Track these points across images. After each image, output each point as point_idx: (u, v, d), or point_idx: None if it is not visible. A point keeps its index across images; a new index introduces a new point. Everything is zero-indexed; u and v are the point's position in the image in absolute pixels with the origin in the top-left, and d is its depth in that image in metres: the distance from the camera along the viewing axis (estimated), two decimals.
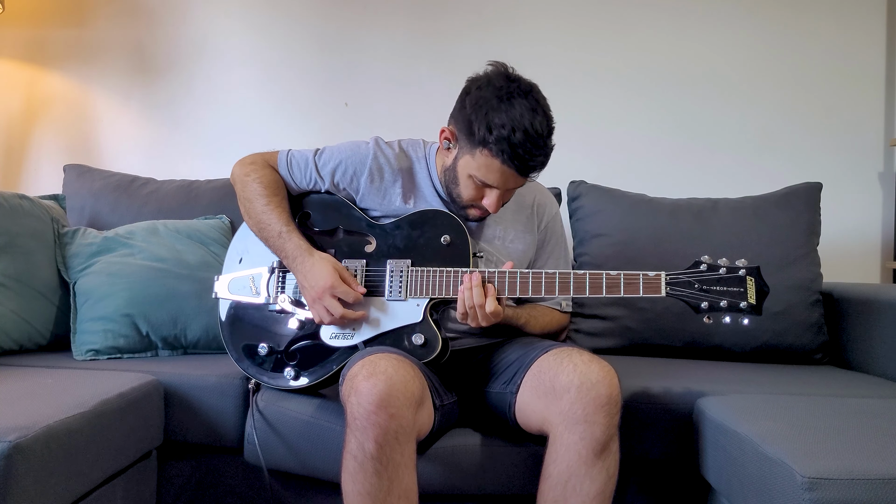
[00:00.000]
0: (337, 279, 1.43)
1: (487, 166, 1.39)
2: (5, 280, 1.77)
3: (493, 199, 1.43)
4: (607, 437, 1.22)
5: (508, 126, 1.33)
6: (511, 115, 1.34)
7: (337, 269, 1.45)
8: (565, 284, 1.37)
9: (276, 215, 1.52)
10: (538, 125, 1.34)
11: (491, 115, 1.35)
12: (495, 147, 1.35)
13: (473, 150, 1.40)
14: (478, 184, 1.43)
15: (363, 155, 1.57)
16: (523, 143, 1.33)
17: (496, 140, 1.35)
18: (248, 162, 1.61)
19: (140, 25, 2.54)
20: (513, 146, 1.34)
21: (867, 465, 1.04)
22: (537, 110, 1.35)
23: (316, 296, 1.43)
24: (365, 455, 1.16)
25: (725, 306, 1.31)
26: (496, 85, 1.38)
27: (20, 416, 1.15)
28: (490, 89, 1.38)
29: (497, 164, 1.37)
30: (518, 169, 1.37)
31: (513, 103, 1.35)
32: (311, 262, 1.46)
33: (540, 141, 1.35)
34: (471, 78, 1.44)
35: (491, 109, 1.36)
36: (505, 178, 1.40)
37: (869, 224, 2.42)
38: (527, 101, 1.35)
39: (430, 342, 1.40)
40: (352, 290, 1.43)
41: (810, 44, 2.43)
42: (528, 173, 1.39)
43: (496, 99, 1.36)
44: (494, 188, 1.42)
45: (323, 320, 1.45)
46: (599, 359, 1.28)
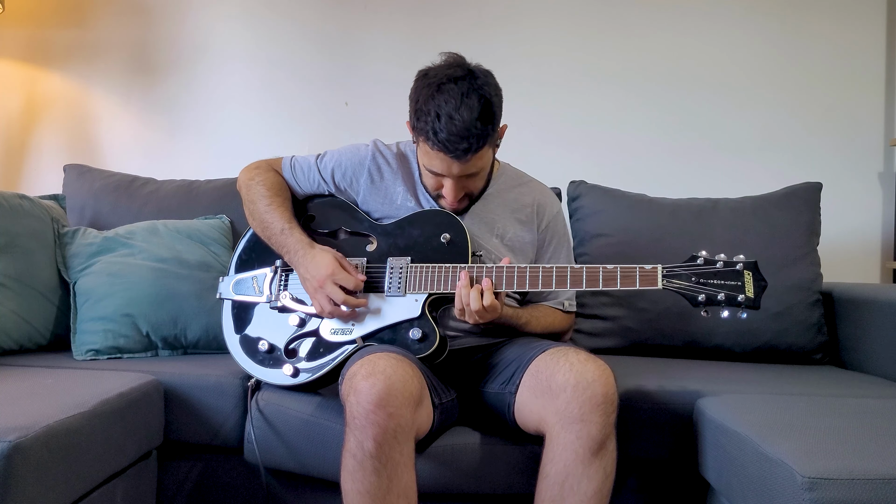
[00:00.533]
0: (337, 267, 1.45)
1: (427, 154, 1.43)
2: (5, 280, 1.77)
3: (449, 188, 1.46)
4: (604, 436, 1.22)
5: (433, 112, 1.37)
6: (437, 100, 1.37)
7: (337, 258, 1.47)
8: (562, 278, 1.37)
9: (279, 214, 1.55)
10: (464, 109, 1.36)
11: (420, 103, 1.40)
12: (423, 134, 1.39)
13: (418, 140, 1.45)
14: (430, 173, 1.47)
15: (362, 157, 1.61)
16: (447, 128, 1.36)
17: (423, 127, 1.39)
18: (252, 167, 1.66)
19: (140, 25, 2.54)
20: (437, 131, 1.37)
21: (867, 465, 1.04)
22: (468, 94, 1.37)
23: (317, 285, 1.45)
24: (364, 454, 1.16)
25: (723, 299, 1.30)
26: (432, 74, 1.42)
27: (20, 416, 1.15)
28: (425, 79, 1.42)
29: (429, 149, 1.41)
30: (448, 152, 1.38)
31: (442, 89, 1.38)
32: (311, 255, 1.48)
33: (465, 123, 1.35)
34: (419, 70, 1.47)
35: (421, 97, 1.40)
36: (444, 163, 1.42)
37: (869, 224, 2.42)
38: (456, 87, 1.37)
39: (428, 336, 1.40)
40: (352, 276, 1.45)
41: (810, 44, 2.43)
42: (460, 157, 1.40)
43: (427, 87, 1.40)
44: (445, 176, 1.45)
45: (324, 309, 1.46)
46: (596, 358, 1.29)
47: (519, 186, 1.65)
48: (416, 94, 1.42)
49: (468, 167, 1.43)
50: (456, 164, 1.41)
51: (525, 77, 2.41)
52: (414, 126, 1.43)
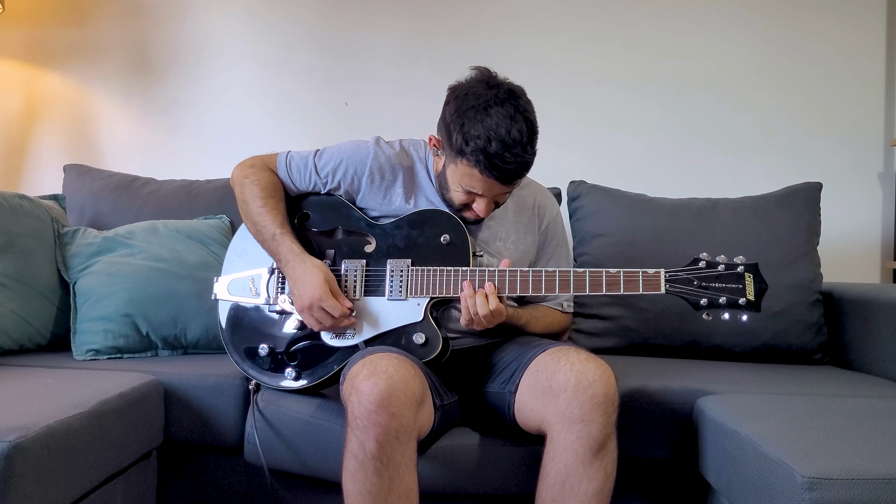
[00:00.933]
0: (325, 292, 1.42)
1: (469, 175, 1.40)
2: (5, 280, 1.77)
3: (483, 206, 1.45)
4: (604, 436, 1.22)
5: (484, 136, 1.34)
6: (487, 124, 1.34)
7: (328, 280, 1.44)
8: (565, 282, 1.37)
9: (272, 217, 1.52)
10: (515, 133, 1.34)
11: (467, 126, 1.36)
12: (472, 158, 1.36)
13: (456, 160, 1.41)
14: (465, 192, 1.44)
15: (364, 154, 1.58)
16: (500, 153, 1.33)
17: (472, 151, 1.35)
18: (247, 165, 1.62)
19: (140, 25, 2.54)
20: (489, 156, 1.34)
21: (867, 465, 1.04)
22: (515, 117, 1.35)
23: (304, 305, 1.43)
24: (366, 454, 1.16)
25: (724, 303, 1.31)
26: (474, 93, 1.38)
27: (20, 416, 1.15)
28: (469, 98, 1.38)
29: (476, 173, 1.38)
30: (497, 178, 1.37)
31: (489, 112, 1.35)
32: (302, 269, 1.45)
33: (517, 149, 1.34)
34: (451, 86, 1.44)
35: (468, 120, 1.36)
36: (488, 185, 1.40)
37: (869, 224, 2.42)
38: (503, 109, 1.35)
39: (431, 341, 1.40)
40: (338, 305, 1.42)
41: (810, 44, 2.43)
42: (508, 182, 1.39)
43: (472, 109, 1.36)
44: (481, 196, 1.43)
45: (312, 327, 1.46)
46: (596, 357, 1.29)
47: (519, 189, 1.64)
48: (459, 115, 1.37)
49: (508, 189, 1.44)
50: (499, 186, 1.40)
51: (525, 77, 2.38)
52: (459, 149, 1.37)
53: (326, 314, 1.42)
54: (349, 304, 1.45)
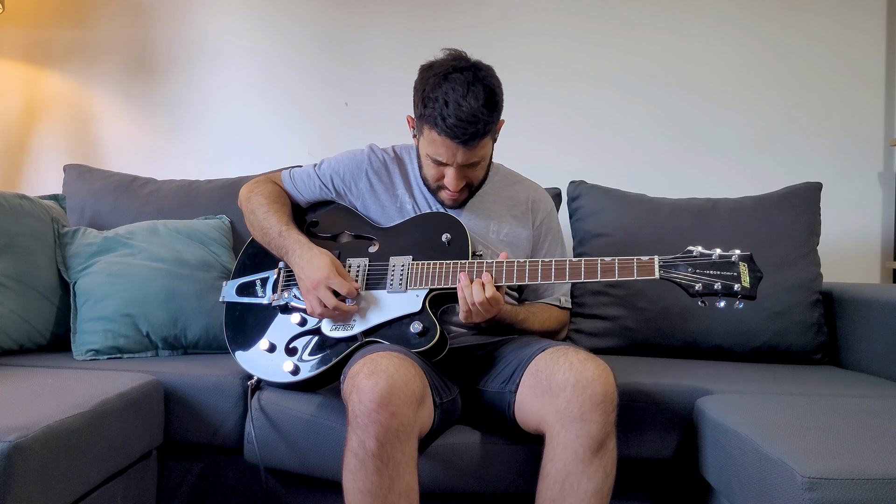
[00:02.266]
0: (332, 271, 1.46)
1: (432, 141, 1.45)
2: (5, 280, 1.77)
3: (451, 177, 1.49)
4: (604, 435, 1.22)
5: (441, 98, 1.41)
6: (444, 88, 1.41)
7: (334, 263, 1.48)
8: (561, 270, 1.39)
9: (276, 218, 1.58)
10: (471, 96, 1.40)
11: (427, 90, 1.43)
12: (431, 119, 1.42)
13: (422, 129, 1.47)
14: (434, 162, 1.49)
15: (359, 162, 1.65)
16: (455, 113, 1.39)
17: (430, 113, 1.42)
18: (251, 183, 1.70)
19: (140, 25, 2.54)
20: (444, 117, 1.40)
21: (867, 465, 1.04)
22: (474, 83, 1.41)
23: (310, 286, 1.46)
24: (366, 453, 1.16)
25: (720, 289, 1.30)
26: (438, 64, 1.46)
27: (20, 416, 1.15)
28: (431, 70, 1.46)
29: (436, 136, 1.43)
30: (454, 137, 1.41)
31: (448, 78, 1.42)
32: (309, 255, 1.49)
33: (471, 109, 1.39)
34: (422, 64, 1.50)
35: (428, 86, 1.44)
36: (449, 150, 1.44)
37: (869, 224, 2.42)
38: (462, 76, 1.42)
39: (429, 330, 1.41)
40: (346, 282, 1.45)
41: (810, 44, 2.43)
42: (466, 142, 1.43)
43: (434, 76, 1.44)
44: (448, 165, 1.47)
45: (314, 311, 1.46)
46: (595, 357, 1.29)
47: (513, 185, 1.68)
48: (423, 84, 1.46)
49: (472, 155, 1.46)
50: (461, 150, 1.44)
51: (525, 77, 2.41)
52: (421, 114, 1.45)
53: (331, 294, 1.44)
54: (356, 284, 1.47)
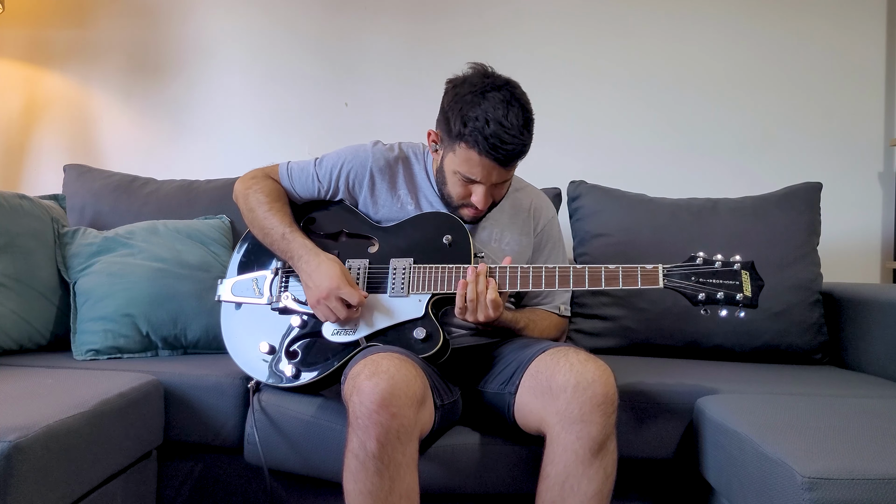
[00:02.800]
0: (342, 281, 1.43)
1: (468, 160, 1.41)
2: (5, 280, 1.77)
3: (481, 195, 1.45)
4: (604, 437, 1.22)
5: (482, 118, 1.37)
6: (484, 107, 1.38)
7: (343, 271, 1.46)
8: (565, 278, 1.38)
9: (279, 219, 1.55)
10: (512, 115, 1.37)
11: (465, 109, 1.39)
12: (471, 139, 1.38)
13: (454, 146, 1.43)
14: (463, 180, 1.45)
15: (363, 158, 1.60)
16: (497, 134, 1.36)
17: (471, 132, 1.38)
18: (248, 177, 1.65)
19: (140, 26, 2.54)
20: (486, 137, 1.37)
21: (867, 465, 1.04)
22: (511, 102, 1.39)
23: (321, 296, 1.44)
24: (367, 454, 1.16)
25: (722, 298, 1.32)
26: (471, 82, 1.43)
27: (20, 416, 1.15)
28: (465, 86, 1.42)
29: (475, 155, 1.40)
30: (495, 159, 1.39)
31: (486, 97, 1.39)
32: (316, 262, 1.47)
33: (513, 130, 1.37)
34: (449, 79, 1.47)
35: (465, 104, 1.40)
36: (486, 170, 1.42)
37: (869, 224, 2.42)
38: (500, 94, 1.39)
39: (432, 336, 1.40)
40: (356, 293, 1.43)
41: (810, 44, 2.43)
42: (506, 163, 1.41)
43: (470, 94, 1.40)
44: (479, 183, 1.44)
45: (327, 319, 1.46)
46: (596, 358, 1.29)
47: (516, 192, 1.66)
48: (458, 102, 1.41)
49: (506, 174, 1.44)
50: (497, 170, 1.42)
51: (525, 78, 2.37)
52: (458, 133, 1.40)
53: (342, 305, 1.43)
54: (365, 293, 1.46)
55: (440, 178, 1.51)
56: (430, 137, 1.51)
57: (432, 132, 1.50)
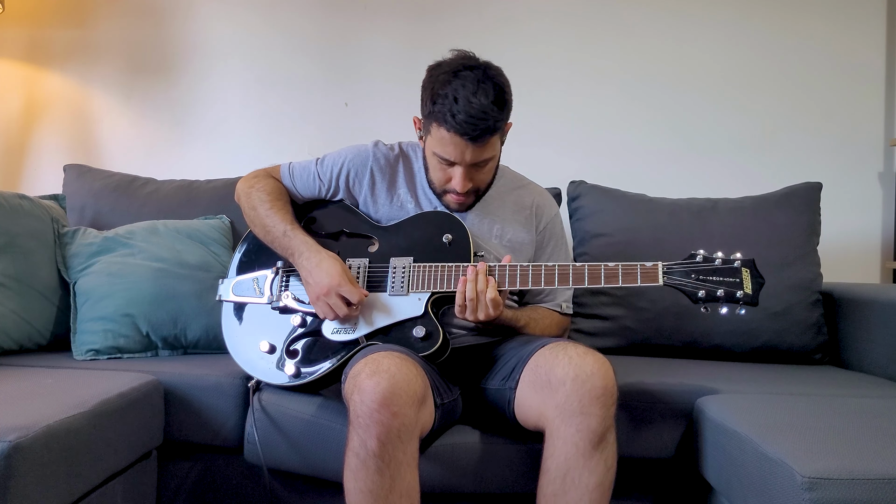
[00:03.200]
0: (343, 279, 1.44)
1: (440, 139, 1.43)
2: (5, 280, 1.77)
3: (458, 177, 1.46)
4: (604, 429, 1.22)
5: (451, 95, 1.39)
6: (454, 85, 1.39)
7: (344, 269, 1.47)
8: (564, 276, 1.38)
9: (280, 217, 1.55)
10: (481, 93, 1.38)
11: (437, 88, 1.41)
12: (440, 116, 1.40)
13: (429, 127, 1.45)
14: (441, 162, 1.46)
15: (364, 158, 1.61)
16: (465, 109, 1.37)
17: (439, 109, 1.40)
18: (250, 177, 1.66)
19: (140, 26, 2.54)
20: (455, 114, 1.38)
21: (867, 465, 1.04)
22: (483, 80, 1.39)
23: (321, 293, 1.44)
24: (367, 453, 1.16)
25: (722, 296, 1.32)
26: (447, 63, 1.45)
27: (20, 416, 1.15)
28: (440, 68, 1.44)
29: (445, 133, 1.41)
30: (464, 134, 1.39)
31: (458, 75, 1.40)
32: (317, 260, 1.47)
33: (482, 106, 1.37)
34: (429, 65, 1.48)
35: (437, 83, 1.42)
36: (458, 148, 1.42)
37: (869, 224, 2.42)
38: (472, 73, 1.40)
39: (432, 335, 1.40)
40: (356, 290, 1.44)
41: (810, 44, 2.43)
42: (476, 139, 1.41)
43: (443, 74, 1.42)
44: (456, 164, 1.45)
45: (326, 316, 1.46)
46: (594, 351, 1.29)
47: (518, 189, 1.66)
48: (431, 82, 1.44)
49: (480, 153, 1.44)
50: (470, 148, 1.42)
51: (525, 78, 2.38)
52: (430, 112, 1.42)
53: (342, 302, 1.43)
54: (365, 292, 1.46)
55: (426, 166, 1.54)
56: (416, 125, 1.53)
57: (416, 119, 1.52)
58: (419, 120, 1.51)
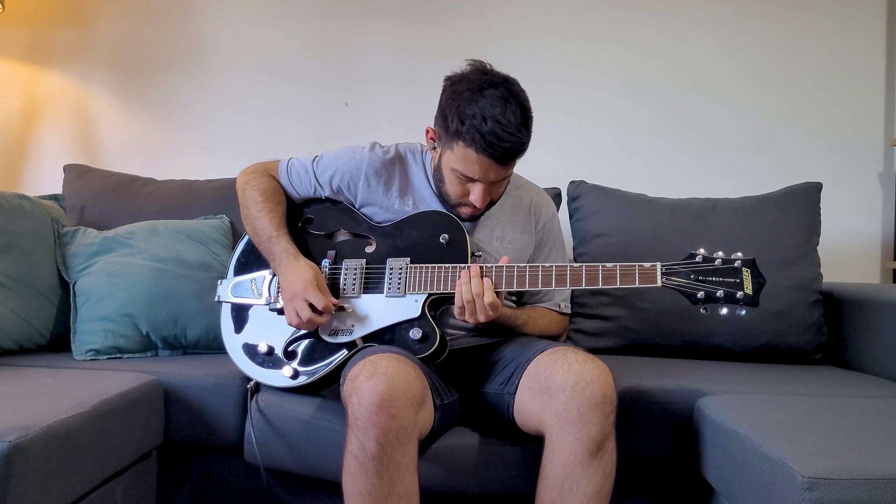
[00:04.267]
0: (312, 285, 1.45)
1: (465, 158, 1.41)
2: (5, 280, 1.77)
3: (479, 193, 1.45)
4: (603, 437, 1.22)
5: (479, 115, 1.36)
6: (482, 104, 1.37)
7: (317, 277, 1.47)
8: (562, 276, 1.38)
9: (269, 220, 1.56)
10: (509, 112, 1.37)
11: (463, 107, 1.38)
12: (468, 137, 1.38)
13: (452, 144, 1.42)
14: (461, 178, 1.45)
15: (359, 160, 1.61)
16: (495, 131, 1.36)
17: (468, 130, 1.37)
18: (249, 171, 1.66)
19: (140, 25, 2.54)
20: (484, 135, 1.36)
21: (867, 465, 1.04)
22: (509, 99, 1.38)
23: (289, 296, 1.46)
24: (366, 455, 1.16)
25: (722, 296, 1.29)
26: (469, 79, 1.42)
27: (20, 416, 1.15)
28: (463, 83, 1.42)
29: (472, 154, 1.39)
30: (492, 157, 1.38)
31: (484, 94, 1.38)
32: (293, 266, 1.48)
33: (511, 128, 1.36)
34: (447, 76, 1.47)
35: (463, 102, 1.39)
36: (483, 168, 1.41)
37: (869, 224, 2.42)
38: (497, 91, 1.38)
39: (429, 336, 1.40)
40: (323, 298, 1.44)
41: (810, 44, 2.43)
42: (504, 161, 1.40)
43: (468, 91, 1.39)
44: (477, 181, 1.44)
45: (291, 321, 1.46)
46: (594, 358, 1.29)
47: (516, 189, 1.66)
48: (455, 99, 1.40)
49: (503, 173, 1.44)
50: (495, 168, 1.41)
51: (525, 78, 2.37)
52: (456, 131, 1.39)
53: (307, 307, 1.43)
54: (335, 300, 1.46)
55: (438, 177, 1.51)
56: (427, 135, 1.51)
57: (430, 129, 1.50)
58: (435, 131, 1.48)
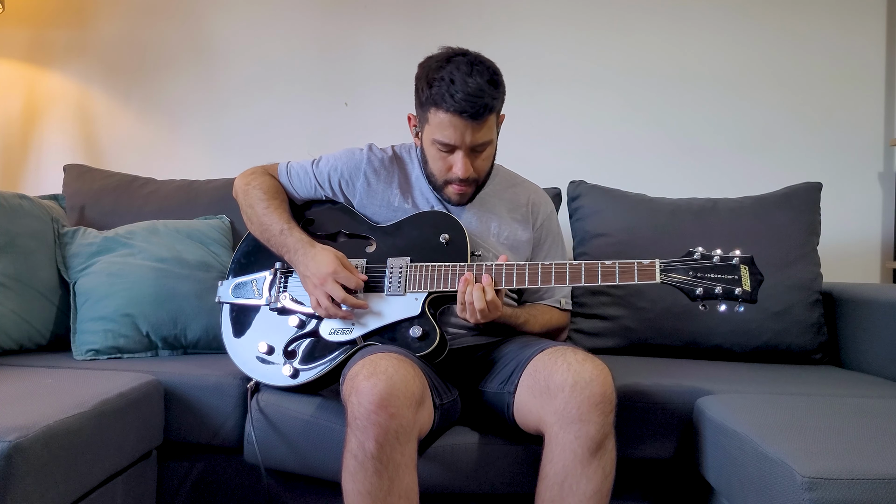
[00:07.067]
0: (339, 265, 1.45)
1: (440, 123, 1.43)
2: (5, 280, 1.77)
3: (460, 162, 1.47)
4: (602, 436, 1.22)
5: (448, 78, 1.41)
6: (448, 68, 1.42)
7: (339, 257, 1.48)
8: (561, 274, 1.38)
9: (277, 215, 1.56)
10: (476, 74, 1.41)
11: (431, 74, 1.43)
12: (438, 98, 1.41)
13: (427, 115, 1.45)
14: (441, 150, 1.47)
15: (357, 161, 1.63)
16: (463, 88, 1.39)
17: (437, 92, 1.41)
18: (248, 173, 1.67)
19: (140, 25, 2.55)
20: (453, 93, 1.39)
21: (867, 465, 1.04)
22: (476, 63, 1.43)
23: (318, 282, 1.45)
24: (365, 454, 1.16)
25: (720, 293, 1.30)
26: (438, 55, 1.47)
27: (20, 416, 1.15)
28: (432, 59, 1.47)
29: (444, 115, 1.42)
30: (463, 112, 1.40)
31: (451, 61, 1.43)
32: (312, 253, 1.48)
33: (478, 85, 1.40)
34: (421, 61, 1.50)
35: (431, 71, 1.44)
36: (459, 131, 1.43)
37: (869, 224, 2.42)
38: (464, 58, 1.43)
39: (429, 335, 1.40)
40: (353, 276, 1.45)
41: (810, 44, 2.43)
42: (476, 116, 1.41)
43: (436, 62, 1.45)
44: (456, 148, 1.46)
45: (322, 306, 1.45)
46: (594, 357, 1.29)
47: (513, 187, 1.67)
48: (425, 71, 1.46)
49: (479, 134, 1.45)
50: (470, 128, 1.42)
51: (525, 77, 2.41)
52: (427, 98, 1.43)
53: (340, 288, 1.44)
54: (363, 276, 1.47)
55: (423, 160, 1.54)
56: (410, 122, 1.54)
57: (411, 116, 1.53)
58: (414, 116, 1.52)
